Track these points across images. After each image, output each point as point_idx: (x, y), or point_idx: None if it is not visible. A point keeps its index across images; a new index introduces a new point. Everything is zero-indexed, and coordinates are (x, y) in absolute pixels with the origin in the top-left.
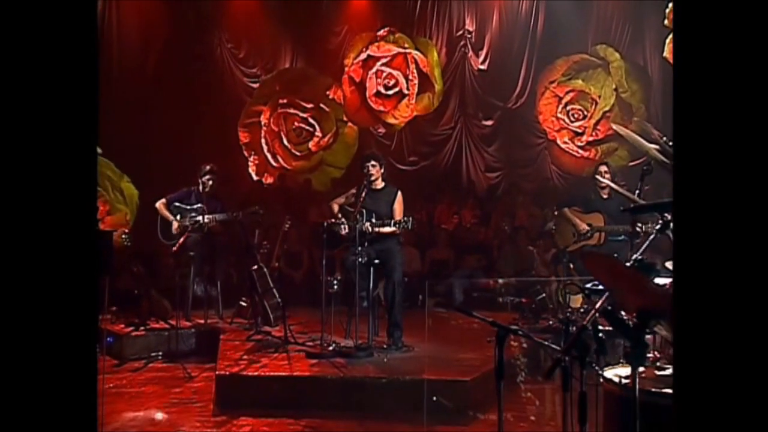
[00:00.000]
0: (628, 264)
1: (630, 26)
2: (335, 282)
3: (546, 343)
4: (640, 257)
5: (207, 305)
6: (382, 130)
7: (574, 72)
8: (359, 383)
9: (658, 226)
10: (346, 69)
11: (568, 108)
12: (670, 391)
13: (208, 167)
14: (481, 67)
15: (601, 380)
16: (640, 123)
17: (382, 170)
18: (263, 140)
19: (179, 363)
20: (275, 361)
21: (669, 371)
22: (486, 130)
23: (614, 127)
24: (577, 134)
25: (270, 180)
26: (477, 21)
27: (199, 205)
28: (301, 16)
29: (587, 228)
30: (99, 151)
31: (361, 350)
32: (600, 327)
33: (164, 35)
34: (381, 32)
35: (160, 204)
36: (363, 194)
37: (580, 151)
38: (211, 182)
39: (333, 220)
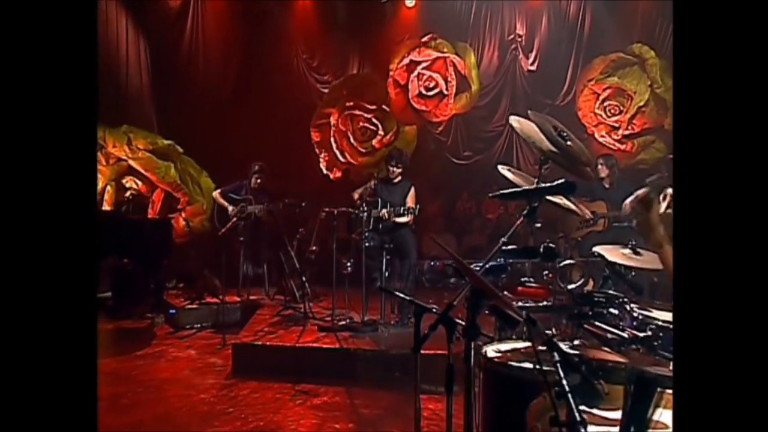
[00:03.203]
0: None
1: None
2: (348, 264)
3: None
4: (548, 242)
5: (255, 283)
6: (440, 128)
7: (611, 70)
8: (351, 354)
9: (525, 212)
10: (391, 73)
11: (605, 104)
12: (528, 365)
13: (257, 167)
14: (531, 68)
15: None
16: (538, 115)
17: (401, 168)
18: (332, 139)
19: (221, 333)
20: (289, 333)
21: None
22: None
23: (512, 119)
24: (614, 128)
25: (338, 174)
26: (527, 25)
27: (248, 196)
28: (368, 29)
29: (591, 215)
30: (180, 150)
31: (367, 325)
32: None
33: (245, 48)
34: (425, 39)
35: (216, 193)
36: (373, 186)
37: (617, 144)
38: (259, 180)
39: (345, 208)
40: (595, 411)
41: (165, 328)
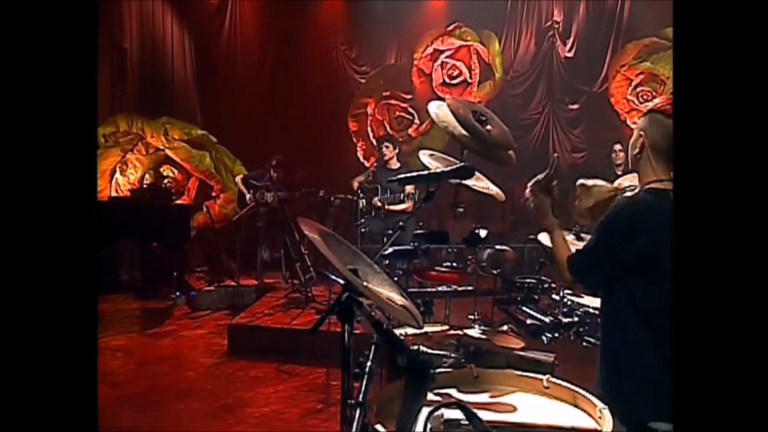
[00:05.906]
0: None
1: None
2: None
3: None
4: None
5: (273, 267)
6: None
7: (644, 55)
8: (336, 336)
9: (423, 196)
10: (416, 62)
11: (638, 90)
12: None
13: (274, 161)
14: (568, 54)
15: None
16: (458, 101)
17: (396, 150)
18: (369, 128)
19: (233, 315)
20: (286, 315)
21: (463, 331)
22: (572, 113)
23: (431, 105)
24: None
25: (374, 163)
26: (564, 12)
27: (268, 184)
28: (406, 19)
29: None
30: (214, 139)
31: None
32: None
33: (283, 41)
34: (450, 28)
35: (238, 179)
36: (371, 174)
37: None
38: (275, 174)
39: (343, 196)
40: (459, 394)
41: (183, 309)
